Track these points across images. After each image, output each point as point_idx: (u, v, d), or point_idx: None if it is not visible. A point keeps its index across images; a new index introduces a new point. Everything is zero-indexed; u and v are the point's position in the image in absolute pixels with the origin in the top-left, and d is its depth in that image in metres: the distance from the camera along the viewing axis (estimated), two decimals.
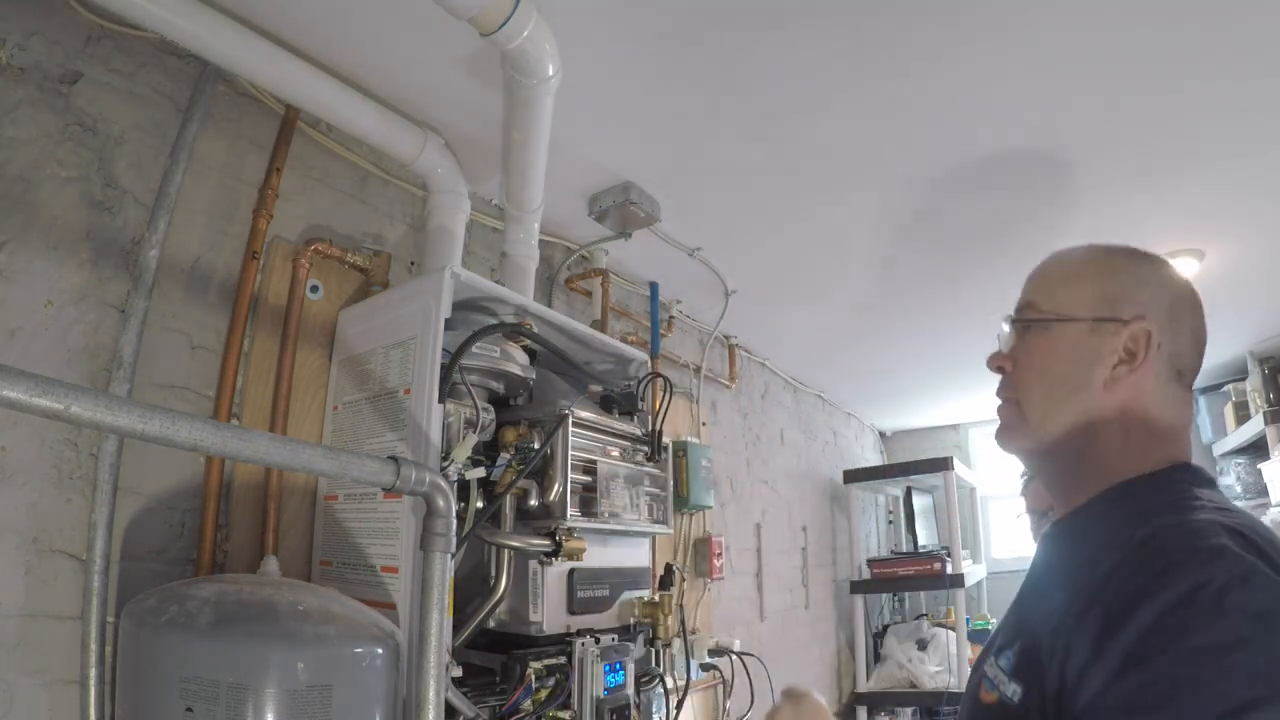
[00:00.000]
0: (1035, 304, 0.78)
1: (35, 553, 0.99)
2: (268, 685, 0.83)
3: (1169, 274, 0.76)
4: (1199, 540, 0.57)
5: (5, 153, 1.03)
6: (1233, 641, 0.50)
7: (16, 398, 0.55)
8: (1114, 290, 0.74)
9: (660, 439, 1.48)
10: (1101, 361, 0.71)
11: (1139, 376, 0.70)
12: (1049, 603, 0.65)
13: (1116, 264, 0.76)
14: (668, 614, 1.40)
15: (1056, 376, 0.74)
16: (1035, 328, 0.76)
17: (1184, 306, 0.74)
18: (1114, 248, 0.78)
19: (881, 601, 4.39)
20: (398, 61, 1.35)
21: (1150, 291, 0.73)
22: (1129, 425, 0.70)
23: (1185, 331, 0.73)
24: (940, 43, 1.32)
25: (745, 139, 1.62)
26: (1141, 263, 0.76)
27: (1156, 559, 0.57)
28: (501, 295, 1.31)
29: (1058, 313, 0.75)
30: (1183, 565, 0.55)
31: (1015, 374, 0.78)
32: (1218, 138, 1.65)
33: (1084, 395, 0.72)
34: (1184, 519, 0.61)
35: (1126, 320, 0.71)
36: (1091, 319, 0.73)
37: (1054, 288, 0.77)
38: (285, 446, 0.75)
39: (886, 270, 2.38)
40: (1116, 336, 0.71)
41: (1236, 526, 0.58)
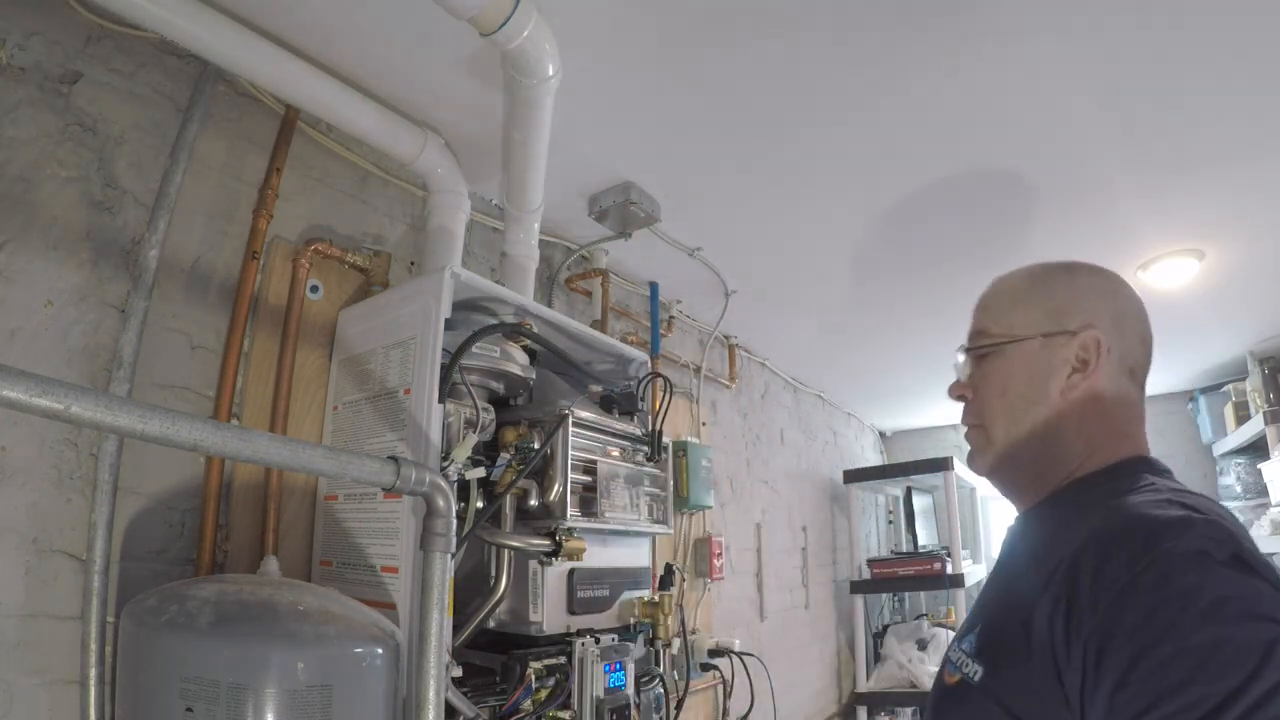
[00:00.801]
0: (987, 330, 0.81)
1: (35, 553, 0.99)
2: (268, 685, 0.83)
3: (1110, 283, 0.80)
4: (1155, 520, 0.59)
5: (5, 153, 1.03)
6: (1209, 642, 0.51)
7: (16, 398, 0.55)
8: (1059, 305, 0.78)
9: (660, 439, 1.48)
10: (1056, 373, 0.75)
11: (1093, 380, 0.74)
12: (1012, 585, 0.69)
13: (1059, 280, 0.80)
14: (668, 614, 1.40)
15: (1015, 395, 0.77)
16: (991, 353, 0.80)
17: (1128, 310, 0.78)
18: (1053, 265, 0.83)
19: (881, 601, 4.38)
20: (398, 61, 1.35)
21: (1094, 301, 0.77)
22: (1087, 423, 0.74)
23: (1131, 334, 0.77)
24: (939, 50, 1.32)
25: (745, 139, 1.62)
26: (1082, 275, 0.81)
27: (1120, 537, 0.58)
28: (501, 295, 1.31)
29: (1010, 334, 0.79)
30: (1147, 547, 0.56)
31: (976, 400, 0.82)
32: (1218, 138, 1.65)
33: (1042, 409, 0.76)
34: (1138, 499, 0.64)
35: (1075, 331, 0.75)
36: (1042, 335, 0.77)
37: (1003, 312, 0.81)
38: (285, 446, 0.75)
39: (886, 270, 2.38)
40: (1068, 347, 0.75)
41: (1188, 502, 0.61)
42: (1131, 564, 0.55)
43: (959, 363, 0.85)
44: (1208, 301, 2.69)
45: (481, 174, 1.69)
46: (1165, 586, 0.53)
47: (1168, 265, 2.32)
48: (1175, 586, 0.53)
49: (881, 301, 2.68)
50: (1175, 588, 0.53)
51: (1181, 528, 0.56)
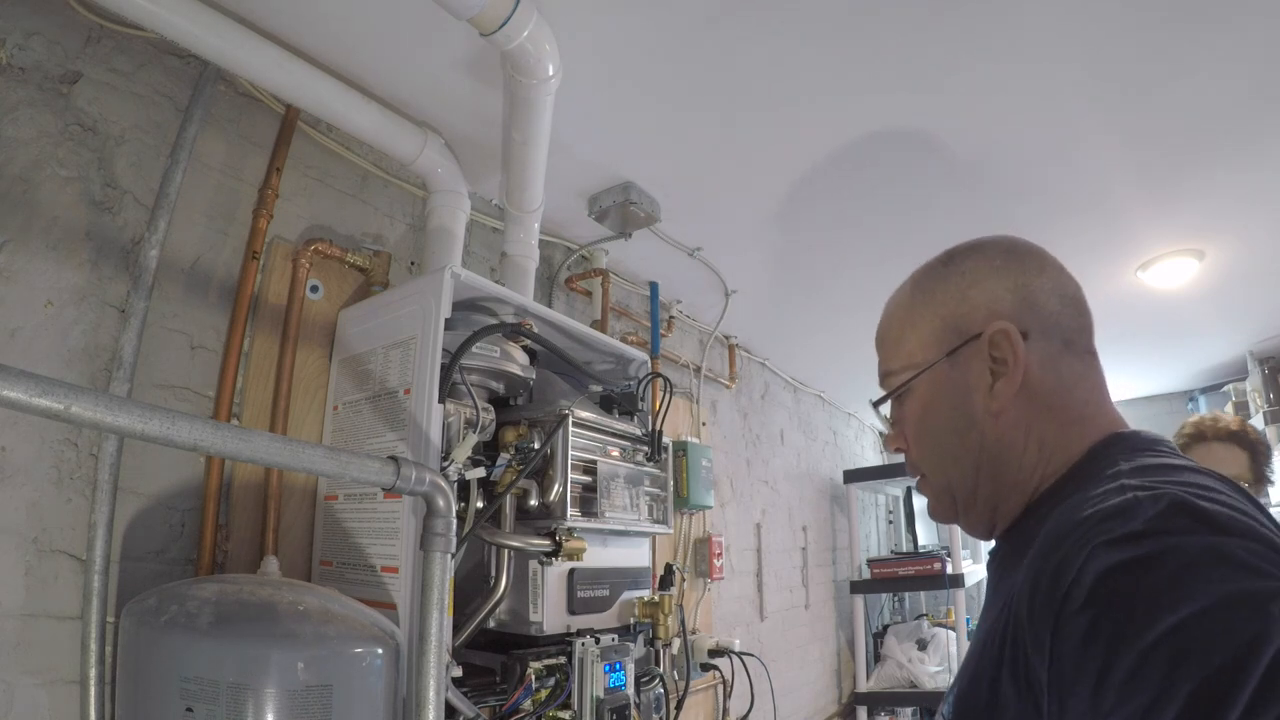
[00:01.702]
0: (890, 370, 0.71)
1: (35, 553, 0.99)
2: (268, 685, 0.83)
3: (996, 250, 0.67)
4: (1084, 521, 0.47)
5: (5, 153, 1.03)
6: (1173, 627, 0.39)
7: (16, 398, 0.55)
8: (949, 310, 0.66)
9: (660, 439, 1.48)
10: (975, 390, 0.63)
11: (1020, 379, 0.61)
12: (980, 636, 0.58)
13: (939, 280, 0.69)
14: (668, 614, 1.40)
15: (942, 431, 0.66)
16: (903, 394, 0.70)
17: (1029, 273, 0.65)
18: (931, 263, 0.71)
19: (881, 601, 4.39)
20: (398, 61, 1.35)
21: (985, 285, 0.65)
22: (1039, 432, 0.62)
23: (1046, 299, 0.64)
24: (940, 50, 1.32)
25: (746, 139, 1.62)
26: (964, 261, 0.68)
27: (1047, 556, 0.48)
28: (501, 295, 1.31)
29: (913, 367, 0.68)
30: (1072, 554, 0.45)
31: (911, 448, 0.71)
32: (1218, 139, 1.65)
33: (976, 433, 0.64)
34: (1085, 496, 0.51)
35: (978, 333, 0.63)
36: (945, 354, 0.65)
37: (897, 344, 0.71)
38: (285, 446, 0.75)
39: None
40: (979, 355, 0.63)
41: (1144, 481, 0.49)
42: (1059, 582, 0.45)
43: (880, 416, 0.74)
44: (1208, 301, 2.69)
45: (481, 174, 1.69)
46: (1099, 588, 0.42)
47: (1168, 265, 2.32)
48: (1110, 583, 0.42)
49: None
50: (1110, 584, 0.42)
51: (1119, 514, 0.45)
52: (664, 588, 1.52)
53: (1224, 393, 3.62)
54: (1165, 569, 0.41)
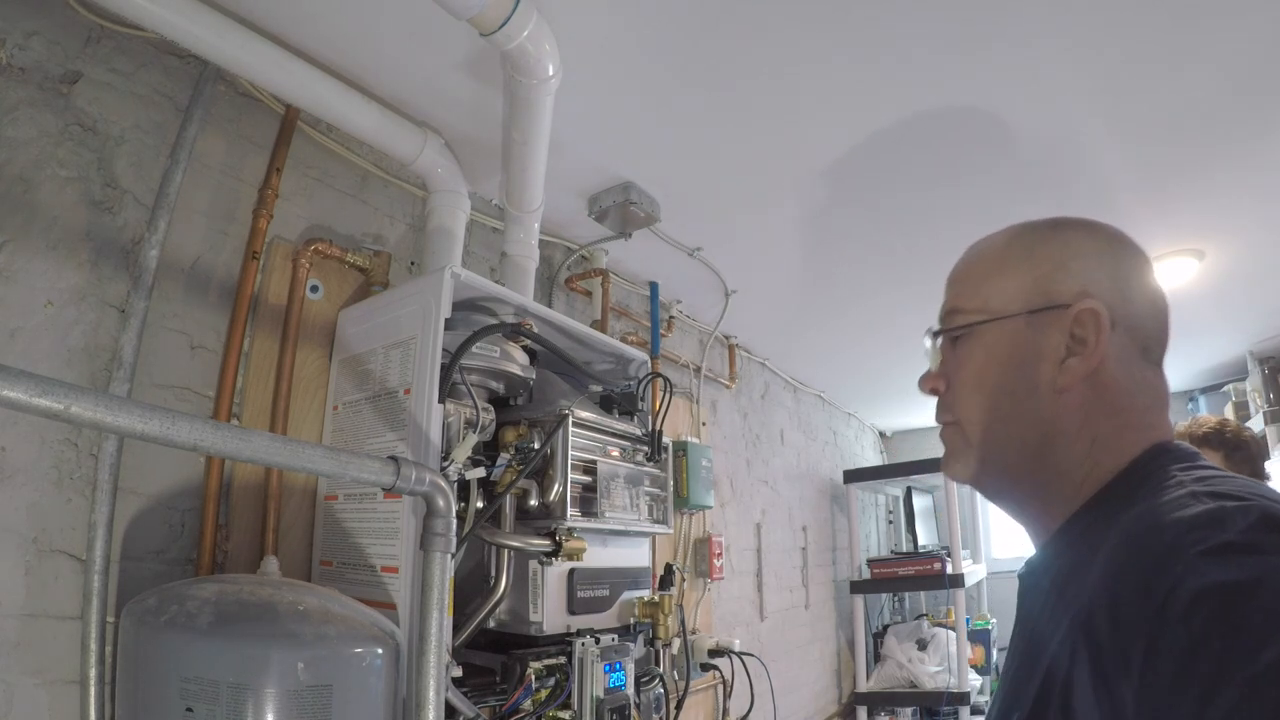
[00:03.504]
0: (960, 308, 0.67)
1: (35, 553, 0.99)
2: (268, 685, 0.83)
3: (1106, 236, 0.64)
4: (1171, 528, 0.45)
5: (5, 153, 1.03)
6: None
7: (16, 398, 0.55)
8: (1045, 271, 0.62)
9: (660, 439, 1.48)
10: (1045, 359, 0.60)
11: (1095, 365, 0.59)
12: (1038, 653, 0.54)
13: (1043, 241, 0.65)
14: (668, 614, 1.40)
15: (996, 387, 0.63)
16: (965, 336, 0.66)
17: (1132, 269, 0.62)
18: (1037, 223, 0.67)
19: (881, 601, 4.39)
20: (398, 62, 1.35)
21: (1088, 262, 0.62)
22: (1095, 426, 0.59)
23: (1139, 298, 0.61)
24: (941, 50, 1.32)
25: (746, 139, 1.62)
26: (1072, 231, 0.65)
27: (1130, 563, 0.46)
28: (501, 295, 1.31)
29: (986, 313, 0.64)
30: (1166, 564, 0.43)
31: (951, 392, 0.67)
32: (1218, 138, 1.65)
33: (1033, 402, 0.61)
34: (1153, 503, 0.49)
35: (1067, 303, 0.60)
36: (1026, 312, 0.62)
37: (978, 286, 0.66)
38: (285, 446, 0.75)
39: (886, 269, 2.38)
40: (1060, 325, 0.60)
41: (1219, 490, 0.47)
42: (1150, 592, 0.42)
43: (929, 349, 0.70)
44: (1208, 301, 2.69)
45: (481, 174, 1.69)
46: (1202, 606, 0.39)
47: (1168, 265, 2.32)
48: (1215, 601, 0.39)
49: (882, 300, 2.68)
50: (1215, 603, 0.39)
51: (1210, 523, 0.43)
52: (664, 588, 1.53)
53: (1224, 393, 3.62)
54: (1272, 591, 0.39)
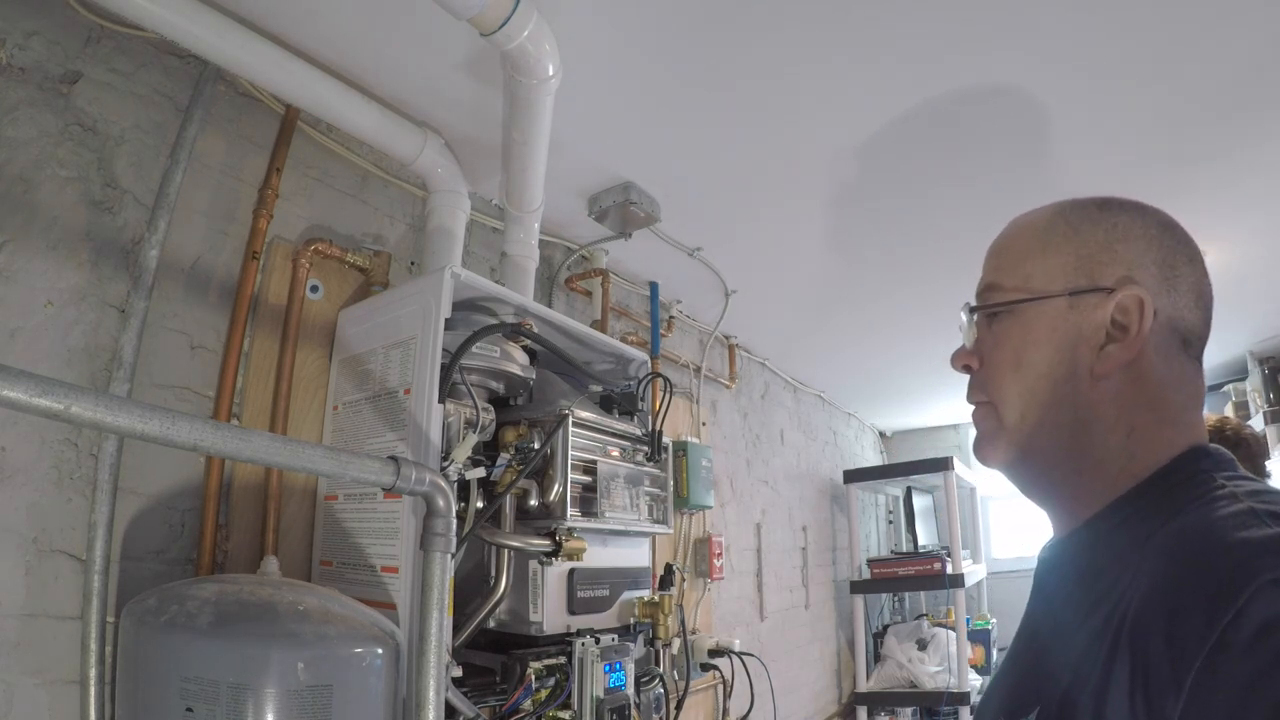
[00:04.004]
0: (998, 285, 0.65)
1: (35, 553, 0.99)
2: (268, 685, 0.83)
3: (1155, 220, 0.62)
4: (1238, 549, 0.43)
5: (5, 153, 1.03)
6: None
7: (16, 398, 0.55)
8: (1090, 252, 0.60)
9: (660, 439, 1.48)
10: (1085, 342, 0.58)
11: (1135, 354, 0.57)
12: (1067, 648, 0.52)
13: (1089, 220, 0.62)
14: (668, 614, 1.40)
15: (1034, 368, 0.61)
16: (1002, 314, 0.64)
17: (1180, 257, 0.60)
18: (1083, 201, 0.65)
19: (881, 601, 4.39)
20: (398, 62, 1.35)
21: (1135, 246, 0.60)
22: (1132, 416, 0.57)
23: (1185, 288, 0.59)
24: (942, 51, 1.32)
25: (746, 139, 1.62)
26: (1120, 213, 0.62)
27: (1191, 578, 0.44)
28: (501, 295, 1.31)
29: (1026, 291, 0.62)
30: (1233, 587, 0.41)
31: (985, 371, 0.65)
32: (1217, 137, 1.65)
33: (1069, 387, 0.59)
34: (1211, 515, 0.48)
35: (1111, 288, 0.58)
36: (1068, 293, 0.60)
37: (1019, 262, 0.64)
38: (285, 446, 0.75)
39: (887, 269, 2.38)
40: (1102, 309, 0.58)
41: (1278, 510, 0.45)
42: (1215, 614, 0.40)
43: (964, 324, 0.68)
44: None
45: (481, 174, 1.69)
46: (1271, 636, 0.38)
47: None
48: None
49: (881, 300, 2.68)
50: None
51: (1277, 551, 0.41)
52: (664, 588, 1.53)
53: (1224, 393, 3.62)
54: None
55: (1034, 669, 0.56)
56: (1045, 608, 0.61)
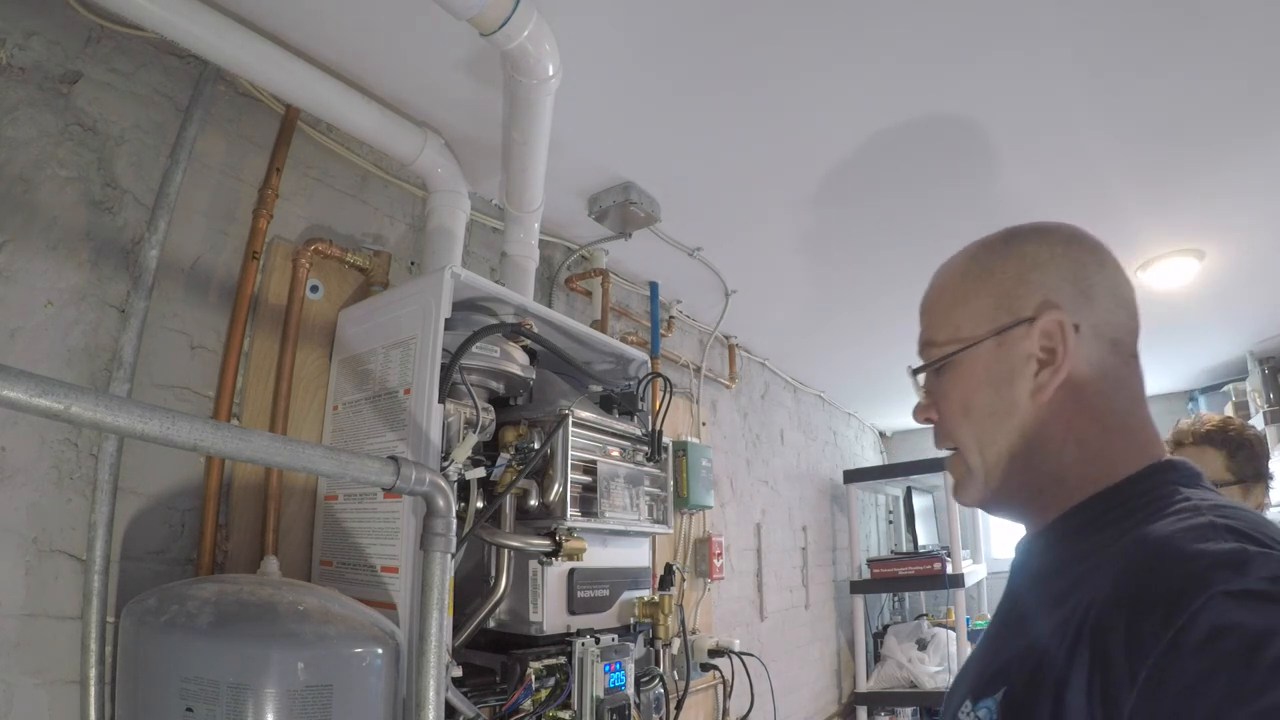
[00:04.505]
0: (933, 340, 0.70)
1: (35, 553, 0.99)
2: (268, 685, 0.83)
3: (1060, 238, 0.66)
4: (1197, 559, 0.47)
5: (5, 153, 1.03)
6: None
7: (16, 398, 0.55)
8: (1006, 289, 0.65)
9: (660, 439, 1.48)
10: (1020, 373, 0.63)
11: (1066, 372, 0.61)
12: (1032, 638, 0.56)
13: (998, 258, 0.67)
14: (668, 614, 1.40)
15: (980, 409, 0.65)
16: (944, 367, 0.68)
17: (1089, 267, 0.64)
18: (990, 240, 0.69)
19: (881, 601, 4.39)
20: (398, 62, 1.35)
21: (1046, 271, 0.64)
22: (1079, 429, 0.61)
23: (1103, 297, 0.63)
24: (944, 49, 1.32)
25: (746, 139, 1.62)
26: (1025, 243, 0.66)
27: (1151, 583, 0.47)
28: (501, 295, 1.31)
29: (958, 341, 0.67)
30: (1188, 594, 0.44)
31: (942, 423, 0.70)
32: (1218, 138, 1.65)
33: (1016, 419, 0.63)
34: (1173, 526, 0.51)
35: (1032, 317, 0.62)
36: (994, 333, 0.64)
37: (946, 315, 0.69)
38: (285, 446, 0.75)
39: (886, 269, 2.38)
40: (1028, 339, 0.62)
41: (1238, 527, 0.49)
42: (1170, 617, 0.43)
43: (916, 382, 0.73)
44: (1208, 301, 2.69)
45: (481, 174, 1.69)
46: (1219, 641, 0.42)
47: (1168, 265, 2.32)
48: (1232, 640, 0.41)
49: (881, 299, 2.68)
50: (1232, 642, 0.41)
51: (1234, 565, 0.44)
52: (664, 588, 1.52)
53: (1224, 393, 3.62)
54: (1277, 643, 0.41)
55: (1001, 655, 0.60)
56: (1012, 600, 0.66)
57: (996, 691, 0.56)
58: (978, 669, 0.63)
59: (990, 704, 0.56)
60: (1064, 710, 0.49)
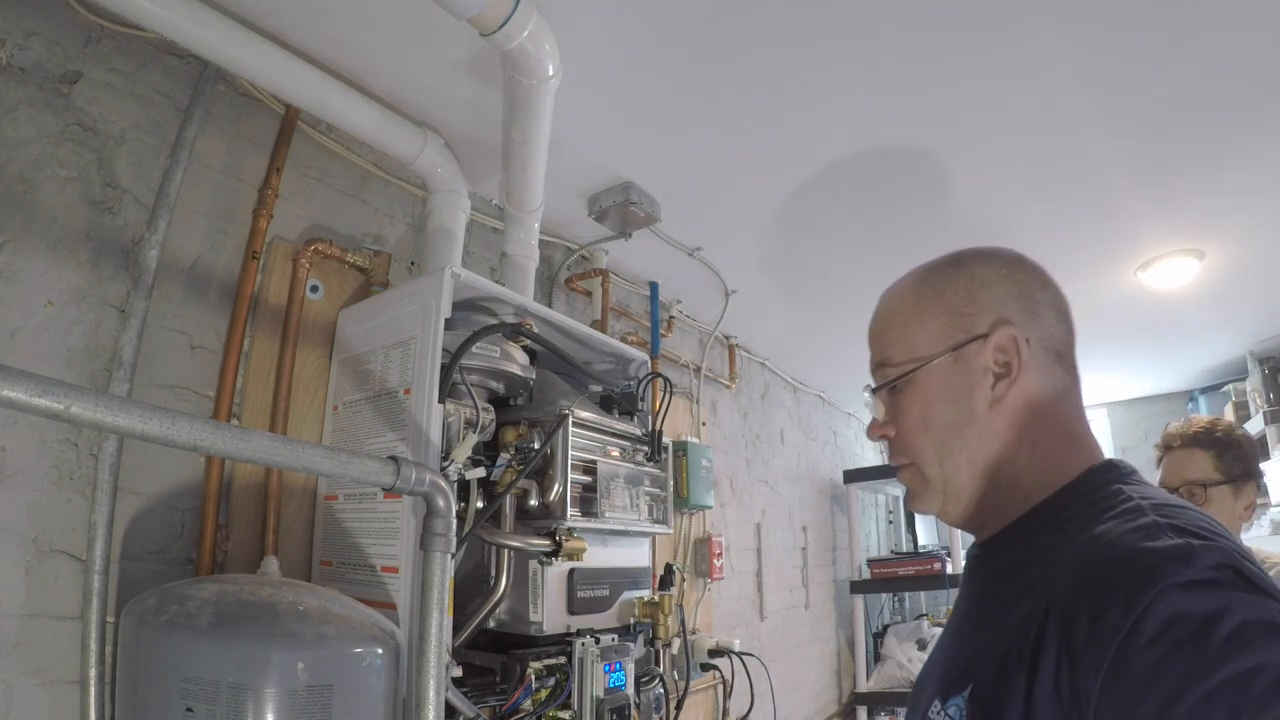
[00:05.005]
0: (890, 360, 0.72)
1: (35, 553, 0.99)
2: (268, 685, 0.83)
3: (1004, 260, 0.71)
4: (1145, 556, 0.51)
5: (5, 153, 1.03)
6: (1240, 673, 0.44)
7: (16, 398, 0.55)
8: (959, 308, 0.69)
9: (660, 439, 1.47)
10: (978, 387, 0.66)
11: (1022, 383, 0.66)
12: (998, 634, 0.58)
13: (948, 279, 0.71)
14: (668, 614, 1.40)
15: (939, 422, 0.68)
16: (901, 385, 0.71)
17: (1033, 286, 0.69)
18: (937, 263, 0.74)
19: (881, 601, 4.38)
20: (398, 61, 1.35)
21: (994, 290, 0.68)
22: (1032, 435, 0.66)
23: (1045, 310, 0.68)
24: (944, 47, 1.32)
25: (746, 139, 1.62)
26: (974, 265, 0.71)
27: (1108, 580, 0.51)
28: (501, 295, 1.31)
29: (915, 359, 0.70)
30: (1142, 588, 0.48)
31: (900, 438, 0.72)
32: (1218, 137, 1.65)
33: (974, 429, 0.67)
34: (1122, 528, 0.55)
35: (986, 333, 0.67)
36: (950, 349, 0.68)
37: (901, 335, 0.72)
38: (285, 446, 0.75)
39: (886, 269, 2.38)
40: (983, 354, 0.67)
41: (1179, 524, 0.53)
42: (1129, 609, 0.48)
43: (869, 402, 0.75)
44: (1208, 301, 2.69)
45: (481, 174, 1.69)
46: (1172, 629, 0.46)
47: (1168, 265, 2.32)
48: (1185, 624, 0.46)
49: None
50: (1185, 626, 0.46)
51: (1180, 559, 0.49)
52: (664, 588, 1.52)
53: (1224, 393, 3.62)
54: (1231, 623, 0.45)
55: (964, 653, 0.63)
56: (972, 600, 0.69)
57: (964, 689, 0.58)
58: (942, 669, 0.65)
59: (959, 701, 0.58)
60: (1033, 700, 0.51)
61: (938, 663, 0.68)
